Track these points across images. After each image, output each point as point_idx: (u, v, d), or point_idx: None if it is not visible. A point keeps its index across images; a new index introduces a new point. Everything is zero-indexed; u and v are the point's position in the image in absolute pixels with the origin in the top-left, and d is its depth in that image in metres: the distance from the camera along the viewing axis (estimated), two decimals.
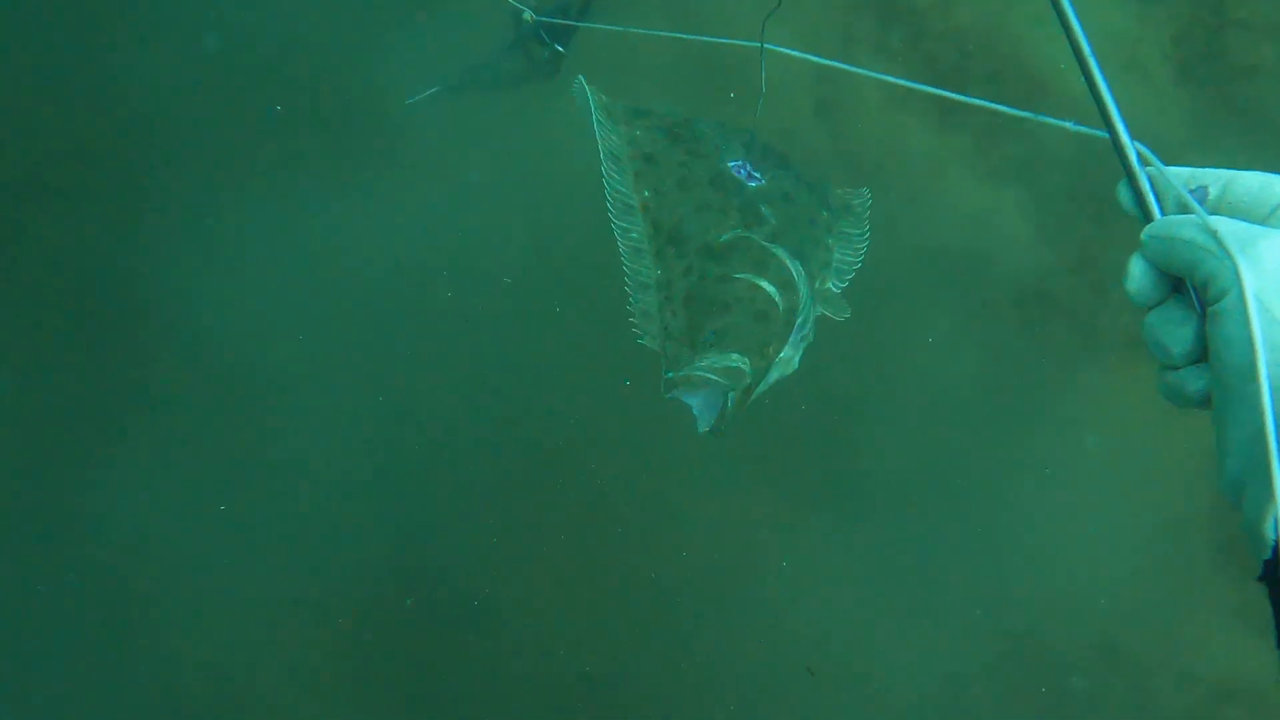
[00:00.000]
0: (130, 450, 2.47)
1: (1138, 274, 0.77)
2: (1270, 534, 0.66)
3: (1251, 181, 0.77)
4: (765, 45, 1.58)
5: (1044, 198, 2.64)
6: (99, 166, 2.55)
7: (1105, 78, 0.82)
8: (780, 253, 1.77)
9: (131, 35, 2.59)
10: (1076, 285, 2.60)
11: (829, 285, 1.92)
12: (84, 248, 2.53)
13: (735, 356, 1.71)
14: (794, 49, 1.47)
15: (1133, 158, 0.80)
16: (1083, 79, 0.82)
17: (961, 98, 1.03)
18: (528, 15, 2.38)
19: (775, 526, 2.52)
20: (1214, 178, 0.78)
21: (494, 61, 2.40)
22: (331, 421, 2.50)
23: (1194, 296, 0.76)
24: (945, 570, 2.51)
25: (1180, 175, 0.79)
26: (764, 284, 1.75)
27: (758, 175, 1.89)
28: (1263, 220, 0.75)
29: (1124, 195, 0.81)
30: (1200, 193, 0.78)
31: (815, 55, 1.40)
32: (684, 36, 1.84)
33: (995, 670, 2.47)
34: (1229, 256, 0.70)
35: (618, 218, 1.83)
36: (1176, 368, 0.77)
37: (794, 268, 1.77)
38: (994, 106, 1.00)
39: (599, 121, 1.89)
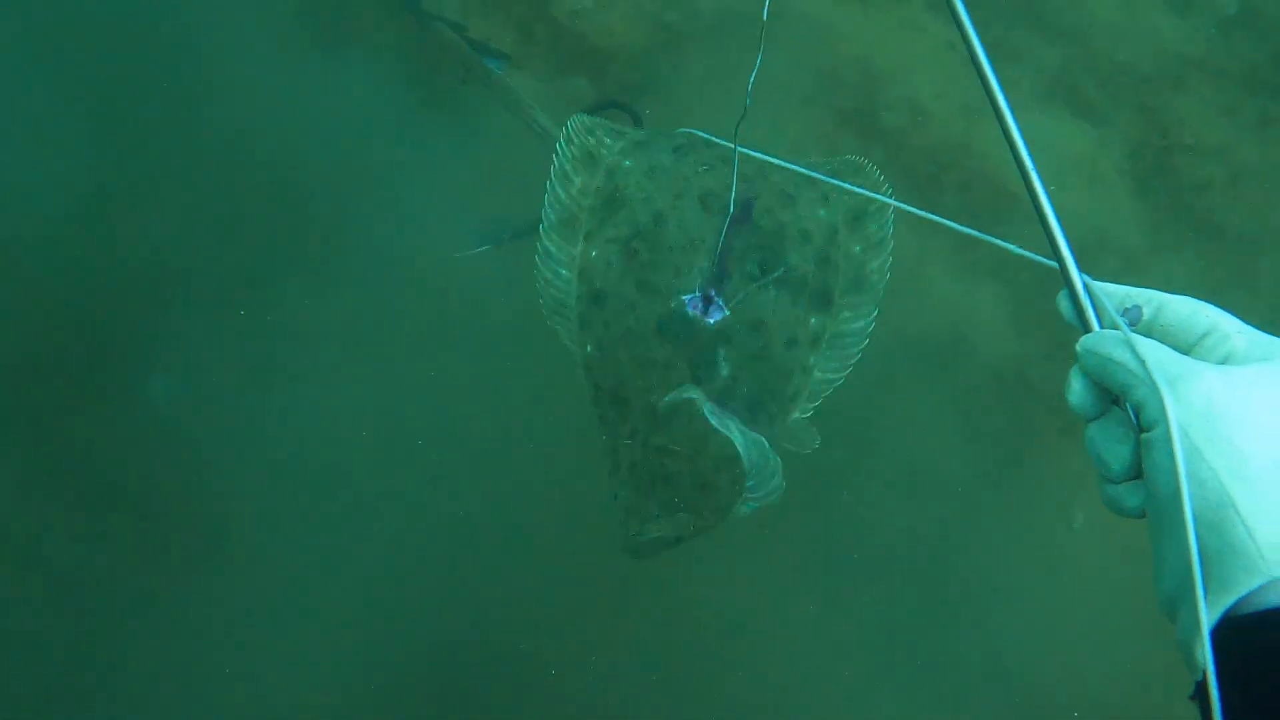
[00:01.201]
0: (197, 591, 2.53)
1: (1078, 388, 0.79)
2: (1200, 659, 0.69)
3: (1181, 308, 0.79)
4: (737, 148, 1.55)
5: (1018, 291, 2.87)
6: (117, 349, 2.69)
7: (1048, 192, 0.86)
8: (729, 423, 1.74)
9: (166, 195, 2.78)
10: (1053, 371, 2.78)
11: (794, 416, 1.88)
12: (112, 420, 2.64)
13: (684, 517, 1.80)
14: (762, 152, 1.55)
15: (1074, 271, 0.82)
16: (1027, 193, 0.87)
17: (910, 208, 1.06)
18: None
19: (772, 603, 2.60)
20: (1147, 299, 0.81)
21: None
22: (387, 522, 2.59)
23: (1131, 415, 0.77)
24: (936, 644, 2.57)
25: (1115, 294, 0.81)
26: (704, 459, 1.77)
27: (720, 304, 1.80)
28: (1191, 346, 0.78)
29: (1064, 306, 0.84)
30: (1134, 312, 0.80)
31: (784, 161, 1.53)
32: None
33: None
34: (1158, 390, 0.72)
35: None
36: (1116, 482, 0.78)
37: (738, 440, 1.73)
38: (942, 221, 1.02)
39: (540, 265, 1.89)
